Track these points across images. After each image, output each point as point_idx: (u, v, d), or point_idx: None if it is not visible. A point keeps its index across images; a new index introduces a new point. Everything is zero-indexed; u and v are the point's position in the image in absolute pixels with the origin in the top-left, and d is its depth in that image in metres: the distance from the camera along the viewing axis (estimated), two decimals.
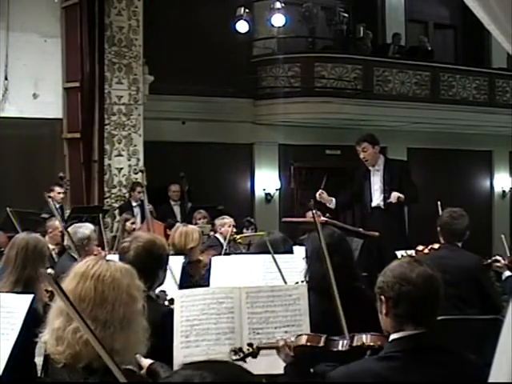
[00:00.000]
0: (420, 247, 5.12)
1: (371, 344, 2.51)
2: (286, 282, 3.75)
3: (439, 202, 6.02)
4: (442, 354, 2.40)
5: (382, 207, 6.83)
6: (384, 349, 2.43)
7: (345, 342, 2.57)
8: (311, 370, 2.71)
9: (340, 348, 2.56)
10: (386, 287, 2.41)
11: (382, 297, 2.43)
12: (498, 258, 5.14)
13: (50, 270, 4.02)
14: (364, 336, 2.55)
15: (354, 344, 2.54)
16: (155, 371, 2.57)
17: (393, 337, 2.41)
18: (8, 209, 6.78)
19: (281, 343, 2.71)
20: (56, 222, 6.72)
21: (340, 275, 3.17)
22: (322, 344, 2.59)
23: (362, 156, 6.90)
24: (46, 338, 2.13)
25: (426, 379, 2.33)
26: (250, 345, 2.79)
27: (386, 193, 6.78)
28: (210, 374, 1.35)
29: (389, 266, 2.48)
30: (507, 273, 5.03)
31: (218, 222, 7.80)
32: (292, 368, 2.69)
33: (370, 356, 2.48)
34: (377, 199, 6.88)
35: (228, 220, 7.62)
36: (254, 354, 2.75)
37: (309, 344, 2.61)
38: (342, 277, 3.20)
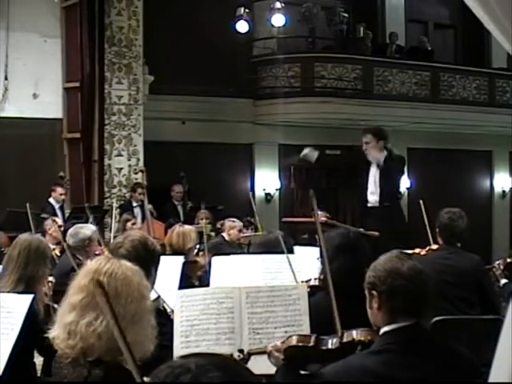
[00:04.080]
0: (417, 250, 5.09)
1: (361, 339, 2.49)
2: (297, 282, 3.75)
3: (421, 201, 5.89)
4: (434, 345, 2.41)
5: (377, 205, 6.56)
6: (375, 343, 2.41)
7: (335, 339, 2.55)
8: (301, 372, 2.65)
9: (330, 346, 2.54)
10: (377, 282, 2.41)
11: (374, 291, 2.42)
12: (495, 265, 5.18)
13: (51, 279, 4.01)
14: (354, 332, 2.52)
15: (344, 340, 2.51)
16: None
17: (384, 330, 2.40)
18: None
19: (269, 348, 2.66)
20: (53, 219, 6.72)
21: (352, 276, 3.15)
22: (312, 343, 2.55)
23: (364, 147, 6.53)
24: (54, 333, 2.16)
25: (420, 371, 2.32)
26: (241, 351, 2.81)
27: (381, 192, 6.49)
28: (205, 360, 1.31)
29: (377, 261, 2.48)
30: (503, 280, 5.06)
31: (228, 223, 7.76)
32: (283, 369, 2.64)
33: (360, 351, 2.46)
34: (371, 194, 6.60)
35: (238, 224, 7.69)
36: (245, 360, 2.75)
37: (299, 344, 2.58)
38: (354, 278, 3.17)
